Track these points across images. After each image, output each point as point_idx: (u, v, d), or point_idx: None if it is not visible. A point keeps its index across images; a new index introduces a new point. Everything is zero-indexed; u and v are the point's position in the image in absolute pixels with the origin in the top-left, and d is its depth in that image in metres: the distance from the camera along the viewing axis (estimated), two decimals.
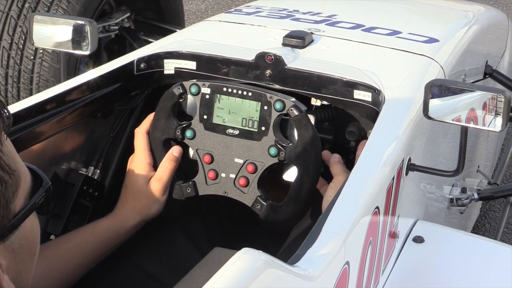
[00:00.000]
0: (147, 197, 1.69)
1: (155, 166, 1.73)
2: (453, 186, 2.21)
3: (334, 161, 1.68)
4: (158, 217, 1.81)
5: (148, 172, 1.71)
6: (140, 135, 1.75)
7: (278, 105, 1.64)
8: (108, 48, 3.17)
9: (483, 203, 3.26)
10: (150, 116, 1.76)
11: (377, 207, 1.51)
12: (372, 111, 1.73)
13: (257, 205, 1.67)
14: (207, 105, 1.70)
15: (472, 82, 2.40)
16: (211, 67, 1.84)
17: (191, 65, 1.87)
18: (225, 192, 1.70)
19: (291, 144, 1.64)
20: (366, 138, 1.74)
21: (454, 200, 2.18)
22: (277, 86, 1.78)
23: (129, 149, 1.97)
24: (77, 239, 1.62)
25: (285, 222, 1.68)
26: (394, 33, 2.17)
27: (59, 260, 1.57)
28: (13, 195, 0.85)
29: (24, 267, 0.90)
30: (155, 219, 1.81)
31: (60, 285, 1.57)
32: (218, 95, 1.70)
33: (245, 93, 1.68)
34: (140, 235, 1.79)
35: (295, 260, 1.21)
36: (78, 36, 1.87)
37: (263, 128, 1.66)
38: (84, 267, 1.62)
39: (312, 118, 1.74)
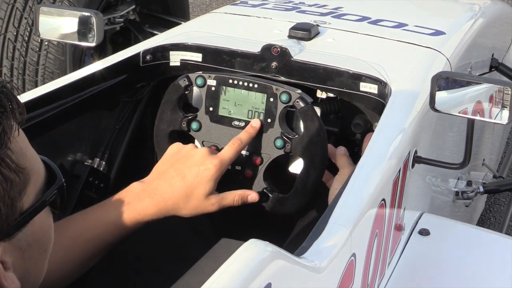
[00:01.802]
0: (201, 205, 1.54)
1: (159, 157, 1.69)
2: (458, 179, 2.20)
3: (340, 153, 1.67)
4: None
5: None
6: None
7: (284, 97, 1.64)
8: (113, 40, 3.18)
9: (488, 196, 3.25)
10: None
11: (383, 200, 1.51)
12: (378, 104, 1.73)
13: (263, 197, 1.66)
14: (213, 97, 1.70)
15: (478, 75, 2.39)
16: (217, 59, 1.84)
17: (197, 57, 1.87)
18: (231, 185, 1.70)
19: (297, 136, 1.64)
20: (372, 131, 1.74)
21: (460, 193, 2.18)
22: (283, 78, 1.78)
23: (135, 141, 1.97)
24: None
25: (291, 214, 1.68)
26: (400, 25, 2.16)
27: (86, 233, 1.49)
28: (19, 194, 0.84)
29: (33, 264, 0.89)
30: None
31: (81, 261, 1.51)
32: (224, 87, 1.70)
33: (251, 85, 1.67)
34: (145, 228, 1.79)
35: (301, 251, 1.21)
36: (84, 28, 1.87)
37: (269, 120, 1.66)
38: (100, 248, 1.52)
39: (318, 110, 1.74)
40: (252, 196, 1.59)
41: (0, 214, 0.82)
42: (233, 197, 1.56)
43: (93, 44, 1.87)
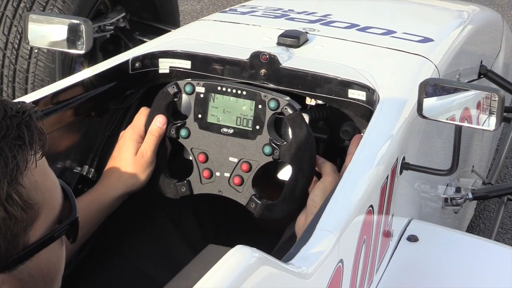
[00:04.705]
0: (133, 168, 1.68)
1: None
2: (447, 185, 2.21)
3: (323, 161, 1.67)
4: (153, 215, 1.81)
5: (138, 144, 1.71)
6: (144, 112, 1.75)
7: (272, 104, 1.65)
8: (103, 48, 3.17)
9: (478, 203, 3.26)
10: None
11: (371, 206, 1.52)
12: (366, 110, 1.73)
13: (252, 204, 1.67)
14: (202, 104, 1.71)
15: (467, 82, 2.40)
16: (206, 66, 1.85)
17: (186, 64, 1.87)
18: (220, 191, 1.70)
19: (285, 142, 1.64)
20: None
21: (449, 200, 2.18)
22: (271, 85, 1.78)
23: None
24: None
25: (279, 220, 1.68)
26: (389, 32, 2.17)
27: None
28: (24, 230, 0.82)
29: None
30: (150, 218, 1.81)
31: None
32: (213, 94, 1.70)
33: (239, 92, 1.68)
34: (134, 234, 1.80)
35: (289, 257, 1.22)
36: (73, 35, 1.87)
37: (257, 127, 1.66)
38: (70, 247, 1.57)
39: (306, 117, 1.75)
40: (158, 120, 1.71)
41: None
42: (148, 141, 1.70)
43: (82, 52, 1.88)
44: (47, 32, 1.90)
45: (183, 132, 1.72)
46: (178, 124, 1.72)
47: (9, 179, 0.80)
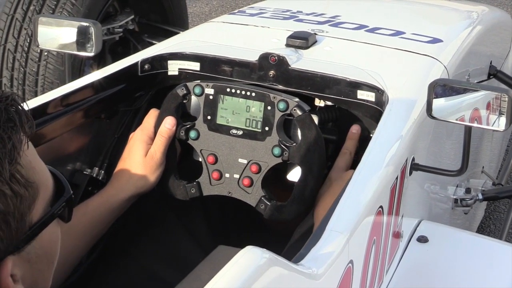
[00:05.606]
0: (142, 170, 1.68)
1: None
2: (457, 186, 2.20)
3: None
4: (162, 217, 1.82)
5: (148, 146, 1.71)
6: (154, 113, 1.75)
7: (281, 105, 1.65)
8: (112, 50, 3.18)
9: (488, 204, 3.25)
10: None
11: (381, 207, 1.52)
12: (375, 111, 1.73)
13: (261, 205, 1.67)
14: (211, 106, 1.71)
15: (477, 83, 2.40)
16: (215, 68, 1.85)
17: (195, 66, 1.88)
18: (229, 193, 1.70)
19: (294, 144, 1.64)
20: (370, 138, 1.74)
21: (459, 201, 2.18)
22: (280, 87, 1.78)
23: None
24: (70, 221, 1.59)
25: (289, 222, 1.68)
26: (398, 33, 2.17)
27: None
28: (29, 208, 0.85)
29: (41, 275, 0.90)
30: (159, 219, 1.82)
31: (58, 270, 1.54)
32: (222, 96, 1.70)
33: (248, 93, 1.68)
34: (144, 235, 1.80)
35: (299, 258, 1.22)
36: (82, 38, 1.87)
37: (266, 128, 1.66)
38: (81, 249, 1.59)
39: (315, 119, 1.75)
40: (168, 122, 1.71)
41: (10, 228, 0.83)
42: (158, 142, 1.71)
43: (91, 54, 1.88)
44: (57, 34, 1.90)
45: (192, 134, 1.72)
46: (188, 126, 1.73)
47: (9, 159, 0.83)
